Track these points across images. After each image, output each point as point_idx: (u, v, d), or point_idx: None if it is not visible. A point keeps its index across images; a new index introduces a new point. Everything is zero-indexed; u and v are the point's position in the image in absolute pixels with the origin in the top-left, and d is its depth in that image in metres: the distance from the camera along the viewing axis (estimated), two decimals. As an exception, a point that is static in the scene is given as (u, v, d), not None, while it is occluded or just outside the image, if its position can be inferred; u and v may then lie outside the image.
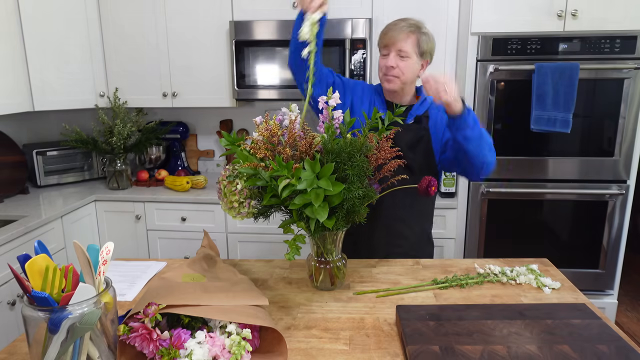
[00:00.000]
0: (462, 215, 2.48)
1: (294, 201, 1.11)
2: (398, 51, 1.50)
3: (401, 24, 1.51)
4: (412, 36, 1.50)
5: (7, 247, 1.96)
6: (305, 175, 1.11)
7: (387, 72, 1.52)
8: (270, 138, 1.17)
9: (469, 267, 1.54)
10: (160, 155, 2.93)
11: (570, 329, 1.05)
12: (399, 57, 1.50)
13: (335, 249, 1.32)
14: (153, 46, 2.68)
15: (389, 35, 1.50)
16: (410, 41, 1.50)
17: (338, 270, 1.34)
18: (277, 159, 1.10)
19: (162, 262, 1.60)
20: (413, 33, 1.50)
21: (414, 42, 1.50)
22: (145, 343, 0.94)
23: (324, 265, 1.33)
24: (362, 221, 1.24)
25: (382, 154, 1.23)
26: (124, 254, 2.63)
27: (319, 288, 1.37)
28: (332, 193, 1.10)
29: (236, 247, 2.58)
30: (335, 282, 1.36)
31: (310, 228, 1.14)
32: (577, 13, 2.23)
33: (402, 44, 1.49)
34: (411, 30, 1.50)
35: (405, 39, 1.49)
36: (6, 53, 2.30)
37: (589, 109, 2.31)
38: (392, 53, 1.51)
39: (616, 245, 2.44)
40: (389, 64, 1.50)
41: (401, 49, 1.49)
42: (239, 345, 0.94)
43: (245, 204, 1.19)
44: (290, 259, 1.16)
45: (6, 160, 2.59)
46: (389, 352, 1.06)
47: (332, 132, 1.20)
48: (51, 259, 0.87)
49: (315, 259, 1.34)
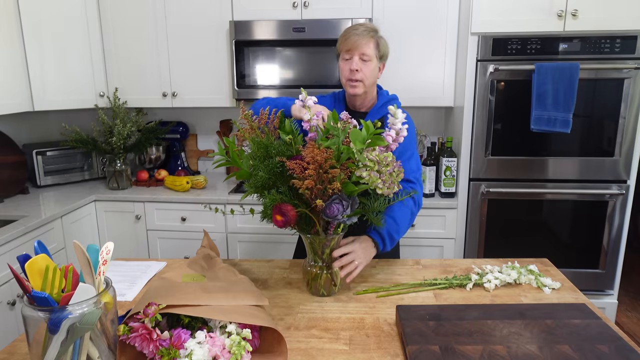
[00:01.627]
0: (462, 215, 2.48)
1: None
2: (361, 54, 1.53)
3: (361, 28, 1.55)
4: (372, 40, 1.54)
5: (7, 247, 1.96)
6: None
7: (351, 77, 1.54)
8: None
9: (469, 267, 1.54)
10: (160, 155, 2.93)
11: (570, 329, 1.05)
12: (362, 61, 1.53)
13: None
14: (153, 46, 2.68)
15: (351, 40, 1.53)
16: (371, 44, 1.54)
17: (335, 276, 1.33)
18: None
19: (162, 262, 1.60)
20: (373, 37, 1.54)
21: (375, 45, 1.55)
22: (145, 343, 0.94)
23: (321, 271, 1.32)
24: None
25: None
26: (124, 254, 2.63)
27: (315, 294, 1.35)
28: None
29: (236, 247, 2.58)
30: (331, 288, 1.34)
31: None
32: (577, 13, 2.23)
33: (365, 47, 1.52)
34: (371, 35, 1.54)
35: (367, 42, 1.53)
36: (6, 53, 2.30)
37: (589, 109, 2.31)
38: (355, 57, 1.53)
39: (616, 245, 2.44)
40: (353, 67, 1.52)
41: (364, 53, 1.52)
42: (239, 345, 0.94)
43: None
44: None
45: (6, 160, 2.59)
46: (389, 352, 1.06)
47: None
48: (51, 259, 0.87)
49: (311, 265, 1.33)
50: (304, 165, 1.14)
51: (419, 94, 2.57)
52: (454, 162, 2.44)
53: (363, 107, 1.65)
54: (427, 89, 2.57)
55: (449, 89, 2.56)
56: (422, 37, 2.50)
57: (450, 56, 2.52)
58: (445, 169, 2.45)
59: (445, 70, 2.54)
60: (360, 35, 1.52)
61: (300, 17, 2.53)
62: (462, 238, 2.51)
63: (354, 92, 1.56)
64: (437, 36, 2.51)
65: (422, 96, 2.58)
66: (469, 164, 2.43)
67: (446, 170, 2.45)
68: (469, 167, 2.44)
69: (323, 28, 2.47)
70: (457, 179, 2.48)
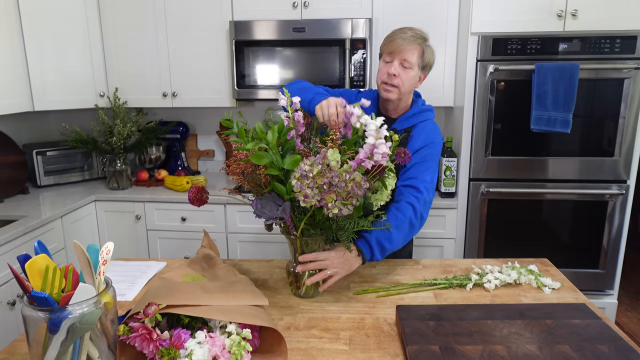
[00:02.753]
0: (462, 215, 2.48)
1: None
2: (402, 60, 1.47)
3: (409, 32, 1.47)
4: (419, 47, 1.47)
5: (7, 247, 1.96)
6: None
7: (387, 81, 1.48)
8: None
9: (469, 267, 1.54)
10: (160, 155, 2.93)
11: (570, 329, 1.05)
12: (402, 67, 1.47)
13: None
14: (153, 46, 2.68)
15: (396, 43, 1.46)
16: (416, 52, 1.47)
17: (299, 279, 1.31)
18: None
19: (162, 262, 1.60)
20: (419, 44, 1.48)
21: (419, 54, 1.48)
22: (145, 343, 0.94)
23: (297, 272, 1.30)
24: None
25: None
26: (124, 254, 2.63)
27: (298, 295, 1.33)
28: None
29: (236, 247, 2.58)
30: (313, 290, 1.32)
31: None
32: (577, 13, 2.23)
33: (408, 54, 1.46)
34: (418, 42, 1.47)
35: (412, 49, 1.46)
36: (6, 53, 2.30)
37: (589, 109, 2.31)
38: (396, 61, 1.47)
39: (616, 245, 2.44)
40: (392, 71, 1.46)
41: (406, 59, 1.46)
42: (239, 345, 0.94)
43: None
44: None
45: (6, 160, 2.59)
46: (389, 352, 1.06)
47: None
48: (51, 259, 0.87)
49: (293, 265, 1.31)
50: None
51: (419, 94, 2.57)
52: (454, 162, 2.44)
53: (394, 112, 1.59)
54: (427, 89, 2.56)
55: (449, 89, 2.56)
56: (422, 37, 2.50)
57: (450, 56, 2.52)
58: (445, 169, 2.45)
59: (445, 70, 2.54)
60: (407, 40, 1.45)
61: (300, 17, 2.53)
62: (462, 238, 2.51)
63: (387, 96, 1.51)
64: (437, 36, 2.50)
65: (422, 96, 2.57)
66: (469, 164, 2.43)
67: (446, 170, 2.45)
68: (469, 167, 2.44)
69: (323, 28, 2.47)
70: (457, 179, 2.48)
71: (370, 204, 1.28)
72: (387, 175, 1.23)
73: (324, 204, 1.07)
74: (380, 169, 1.16)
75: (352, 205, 1.07)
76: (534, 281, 1.39)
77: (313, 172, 1.06)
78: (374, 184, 1.22)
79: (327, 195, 1.06)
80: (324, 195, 1.06)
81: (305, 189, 1.07)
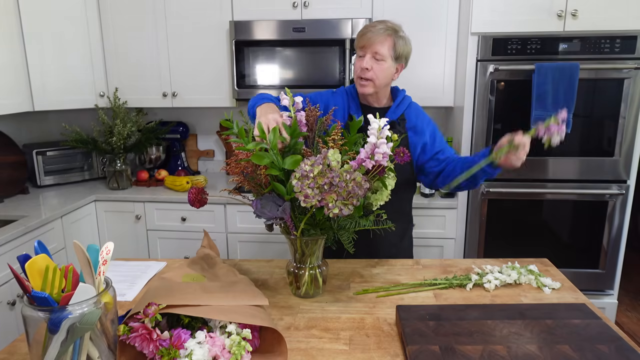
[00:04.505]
0: (462, 215, 2.48)
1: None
2: (374, 53, 1.50)
3: (379, 26, 1.51)
4: (389, 39, 1.50)
5: (7, 247, 1.96)
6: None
7: (361, 75, 1.52)
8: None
9: (469, 267, 1.54)
10: (160, 155, 2.93)
11: (570, 329, 1.05)
12: (374, 60, 1.50)
13: (318, 253, 1.30)
14: (153, 46, 2.68)
15: (366, 37, 1.50)
16: (386, 44, 1.50)
17: (319, 276, 1.32)
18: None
19: (162, 262, 1.60)
20: (390, 36, 1.50)
21: (390, 45, 1.51)
22: (145, 343, 0.94)
23: (304, 272, 1.30)
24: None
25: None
26: (124, 254, 2.63)
27: (298, 295, 1.34)
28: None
29: (236, 247, 2.58)
30: (313, 289, 1.32)
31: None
32: (577, 13, 2.23)
33: (379, 46, 1.49)
34: (388, 33, 1.50)
35: (382, 41, 1.49)
36: (6, 53, 2.30)
37: (589, 109, 2.31)
38: (367, 55, 1.50)
39: (616, 245, 2.44)
40: (364, 65, 1.50)
41: (377, 52, 1.49)
42: (239, 345, 0.94)
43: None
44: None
45: (6, 160, 2.59)
46: (389, 352, 1.06)
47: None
48: (51, 259, 0.87)
49: (294, 265, 1.32)
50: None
51: (418, 93, 2.54)
52: (454, 162, 2.44)
53: (376, 103, 1.63)
54: (427, 89, 2.57)
55: (449, 89, 2.56)
56: (422, 37, 2.50)
57: (450, 56, 2.52)
58: (445, 169, 2.45)
59: (445, 70, 2.54)
60: (376, 33, 1.49)
61: (300, 17, 2.53)
62: (462, 238, 2.51)
63: (362, 91, 1.55)
64: (437, 36, 2.51)
65: (422, 96, 2.56)
66: (469, 164, 2.43)
67: (446, 170, 2.45)
68: (469, 167, 2.44)
69: (323, 28, 2.47)
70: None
71: (370, 203, 1.28)
72: (387, 175, 1.23)
73: (325, 204, 1.07)
74: (380, 169, 1.16)
75: (352, 205, 1.08)
76: (534, 281, 1.39)
77: (314, 172, 1.06)
78: (373, 184, 1.22)
79: (327, 195, 1.06)
80: (325, 195, 1.07)
81: (305, 189, 1.07)
